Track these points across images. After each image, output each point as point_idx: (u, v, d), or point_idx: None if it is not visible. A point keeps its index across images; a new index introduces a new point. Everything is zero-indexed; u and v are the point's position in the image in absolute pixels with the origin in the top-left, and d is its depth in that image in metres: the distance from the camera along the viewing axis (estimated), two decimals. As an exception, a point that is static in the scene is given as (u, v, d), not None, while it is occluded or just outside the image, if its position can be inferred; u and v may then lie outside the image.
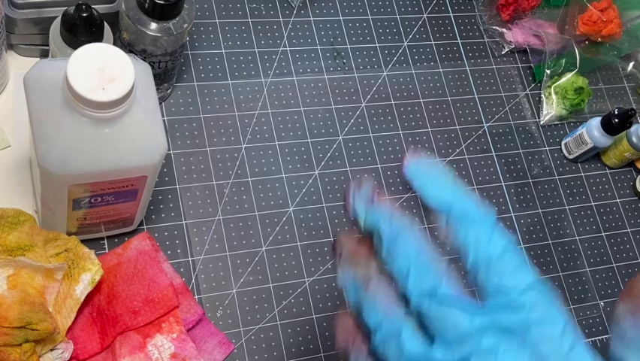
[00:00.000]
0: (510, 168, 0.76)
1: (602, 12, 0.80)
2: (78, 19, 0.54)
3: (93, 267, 0.54)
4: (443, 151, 0.74)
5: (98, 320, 0.56)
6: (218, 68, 0.70)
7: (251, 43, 0.72)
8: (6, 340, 0.49)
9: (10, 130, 0.61)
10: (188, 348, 0.57)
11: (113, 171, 0.49)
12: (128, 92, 0.44)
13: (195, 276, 0.62)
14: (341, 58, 0.74)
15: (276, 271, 0.64)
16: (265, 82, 0.71)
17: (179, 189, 0.64)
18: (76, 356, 0.54)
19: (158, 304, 0.56)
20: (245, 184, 0.66)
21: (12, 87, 0.63)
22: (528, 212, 0.75)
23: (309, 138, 0.70)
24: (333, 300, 0.65)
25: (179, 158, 0.65)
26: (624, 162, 0.80)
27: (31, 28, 0.61)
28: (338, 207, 0.68)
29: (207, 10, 0.72)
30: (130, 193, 0.53)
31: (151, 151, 0.49)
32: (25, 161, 0.60)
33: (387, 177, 0.70)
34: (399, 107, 0.74)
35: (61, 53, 0.56)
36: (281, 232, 0.65)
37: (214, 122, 0.67)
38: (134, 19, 0.56)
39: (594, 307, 0.73)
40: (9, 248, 0.53)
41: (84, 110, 0.44)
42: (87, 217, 0.55)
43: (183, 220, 0.63)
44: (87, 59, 0.44)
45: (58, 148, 0.46)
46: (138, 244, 0.59)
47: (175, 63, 0.62)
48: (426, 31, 0.78)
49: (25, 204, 0.59)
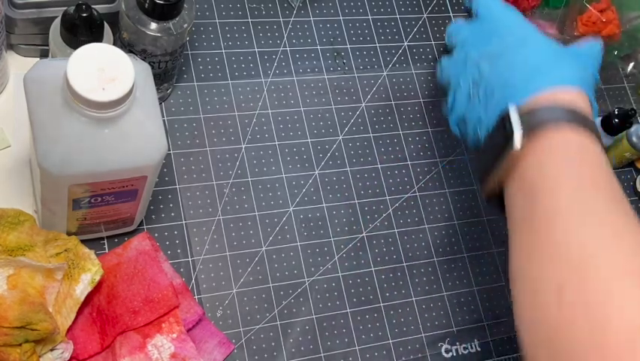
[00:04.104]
0: (510, 168, 0.76)
1: (602, 13, 0.80)
2: (78, 19, 0.54)
3: (93, 267, 0.54)
4: (443, 151, 0.74)
5: (97, 320, 0.56)
6: (218, 68, 0.70)
7: (251, 43, 0.72)
8: (6, 340, 0.49)
9: (10, 130, 0.61)
10: (188, 348, 0.57)
11: (113, 171, 0.49)
12: (128, 92, 0.44)
13: (195, 276, 0.62)
14: (341, 58, 0.74)
15: (276, 271, 0.64)
16: (265, 82, 0.71)
17: (179, 189, 0.64)
18: (76, 356, 0.54)
19: (158, 304, 0.56)
20: (245, 184, 0.66)
21: (12, 87, 0.63)
22: (528, 212, 0.75)
23: (309, 138, 0.70)
24: (333, 300, 0.65)
25: (179, 158, 0.65)
26: (624, 162, 0.80)
27: (31, 28, 0.61)
28: (338, 207, 0.68)
29: (207, 10, 0.72)
30: (130, 193, 0.53)
31: (151, 151, 0.49)
32: (25, 161, 0.60)
33: (387, 177, 0.70)
34: (399, 107, 0.74)
35: (61, 53, 0.56)
36: (281, 232, 0.65)
37: (214, 122, 0.67)
38: (134, 19, 0.56)
39: (594, 308, 0.73)
40: (9, 248, 0.53)
41: (84, 110, 0.44)
42: (87, 217, 0.55)
43: (183, 220, 0.63)
44: (87, 59, 0.44)
45: (58, 148, 0.46)
46: (138, 244, 0.59)
47: (175, 63, 0.62)
48: (426, 31, 0.78)
49: (25, 204, 0.59)
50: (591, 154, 0.47)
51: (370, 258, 0.67)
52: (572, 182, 0.45)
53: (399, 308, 0.66)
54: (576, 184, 0.45)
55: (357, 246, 0.67)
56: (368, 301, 0.66)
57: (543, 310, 0.42)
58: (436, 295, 0.68)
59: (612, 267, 0.41)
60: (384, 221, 0.69)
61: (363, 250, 0.67)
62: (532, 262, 0.44)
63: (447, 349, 0.66)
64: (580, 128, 0.47)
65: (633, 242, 0.42)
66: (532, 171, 0.46)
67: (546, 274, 0.43)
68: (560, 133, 0.47)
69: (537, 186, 0.46)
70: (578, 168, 0.46)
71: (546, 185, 0.45)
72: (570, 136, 0.47)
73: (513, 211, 0.48)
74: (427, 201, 0.71)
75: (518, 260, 0.46)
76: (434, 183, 0.72)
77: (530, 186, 0.46)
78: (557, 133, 0.46)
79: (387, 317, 0.66)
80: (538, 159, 0.47)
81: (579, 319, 0.40)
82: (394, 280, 0.67)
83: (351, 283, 0.66)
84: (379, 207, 0.69)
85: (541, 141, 0.47)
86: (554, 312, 0.41)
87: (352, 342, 0.64)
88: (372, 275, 0.67)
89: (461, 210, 0.72)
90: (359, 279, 0.66)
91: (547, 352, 0.42)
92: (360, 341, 0.64)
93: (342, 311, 0.64)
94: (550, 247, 0.44)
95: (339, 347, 0.63)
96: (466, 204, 0.72)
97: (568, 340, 0.40)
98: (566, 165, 0.46)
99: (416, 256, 0.69)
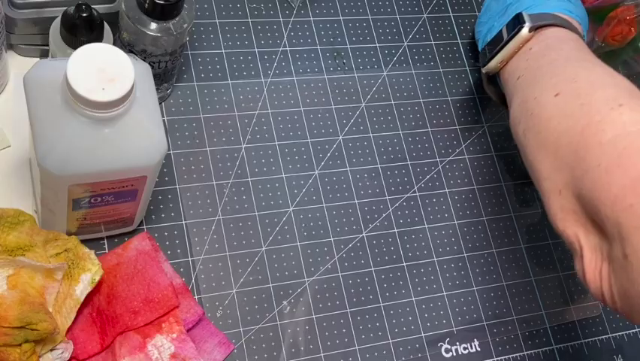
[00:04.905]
0: (510, 168, 0.76)
1: (629, 21, 0.74)
2: (78, 19, 0.54)
3: (93, 267, 0.54)
4: (443, 151, 0.74)
5: (97, 320, 0.56)
6: (218, 68, 0.70)
7: (251, 43, 0.72)
8: (6, 340, 0.49)
9: (10, 130, 0.61)
10: (188, 348, 0.57)
11: (113, 171, 0.49)
12: (127, 92, 0.44)
13: (195, 276, 0.62)
14: (341, 58, 0.74)
15: (276, 271, 0.64)
16: (265, 82, 0.71)
17: (179, 189, 0.64)
18: (76, 356, 0.54)
19: (158, 304, 0.56)
20: (245, 184, 0.66)
21: (12, 87, 0.63)
22: (528, 212, 0.75)
23: (309, 138, 0.70)
24: (333, 300, 0.65)
25: (179, 158, 0.65)
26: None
27: (31, 28, 0.61)
28: (338, 207, 0.68)
29: (207, 10, 0.72)
30: (130, 193, 0.53)
31: (151, 151, 0.49)
32: (25, 161, 0.60)
33: (387, 177, 0.70)
34: (399, 107, 0.74)
35: (61, 53, 0.56)
36: (281, 232, 0.65)
37: (214, 122, 0.67)
38: (134, 19, 0.56)
39: (594, 308, 0.73)
40: (9, 248, 0.53)
41: (84, 111, 0.44)
42: (87, 217, 0.55)
43: (183, 220, 0.63)
44: (87, 59, 0.44)
45: (58, 148, 0.46)
46: (138, 244, 0.59)
47: (175, 63, 0.62)
48: (426, 31, 0.78)
49: (25, 204, 0.59)
50: (578, 40, 0.63)
51: (370, 258, 0.67)
52: (570, 43, 0.62)
53: (399, 308, 0.66)
54: (574, 45, 0.62)
55: (357, 246, 0.67)
56: (368, 301, 0.66)
57: (540, 106, 0.57)
58: (436, 295, 0.68)
59: (606, 86, 0.54)
60: (384, 221, 0.69)
61: (363, 250, 0.67)
62: (538, 88, 0.59)
63: (447, 349, 0.66)
64: (570, 30, 0.65)
65: (622, 79, 0.55)
66: (538, 44, 0.63)
67: (548, 87, 0.57)
68: (556, 29, 0.64)
69: (541, 51, 0.62)
70: (572, 42, 0.63)
71: (550, 46, 0.62)
72: (563, 32, 0.64)
73: (516, 76, 0.64)
74: (427, 201, 0.71)
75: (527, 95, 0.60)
76: (434, 183, 0.72)
77: (535, 53, 0.63)
78: (554, 29, 0.64)
79: (387, 317, 0.66)
80: (543, 38, 0.64)
81: (574, 111, 0.53)
82: (394, 280, 0.67)
83: (351, 283, 0.66)
84: (379, 207, 0.69)
85: (542, 31, 0.64)
86: (551, 106, 0.55)
87: (352, 342, 0.64)
88: (372, 275, 0.67)
89: (461, 210, 0.72)
90: (359, 279, 0.66)
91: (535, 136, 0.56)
92: (360, 341, 0.64)
93: (342, 311, 0.64)
94: (555, 77, 0.58)
95: (339, 347, 0.63)
96: (466, 204, 0.72)
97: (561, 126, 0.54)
98: (563, 39, 0.63)
99: (416, 256, 0.69)
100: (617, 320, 0.73)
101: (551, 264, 0.73)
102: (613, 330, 0.72)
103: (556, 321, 0.71)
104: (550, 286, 0.72)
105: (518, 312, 0.70)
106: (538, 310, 0.71)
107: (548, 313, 0.71)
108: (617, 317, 0.73)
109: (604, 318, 0.73)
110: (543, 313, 0.71)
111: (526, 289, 0.71)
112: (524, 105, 0.59)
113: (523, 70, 0.63)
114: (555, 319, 0.71)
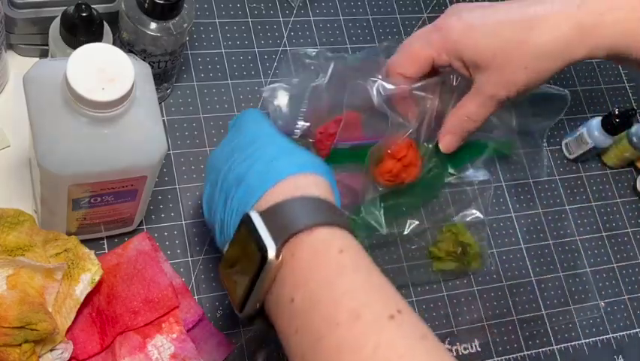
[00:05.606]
0: (510, 169, 0.76)
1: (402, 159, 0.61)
2: (78, 19, 0.54)
3: (93, 267, 0.54)
4: (443, 151, 0.73)
5: (97, 320, 0.56)
6: (218, 68, 0.70)
7: (251, 43, 0.72)
8: (5, 340, 0.49)
9: (9, 130, 0.61)
10: (188, 348, 0.57)
11: (112, 171, 0.49)
12: (127, 92, 0.44)
13: (195, 276, 0.62)
14: (341, 58, 0.74)
15: (276, 271, 0.64)
16: (265, 82, 0.70)
17: (179, 189, 0.64)
18: (76, 356, 0.54)
19: (158, 304, 0.56)
20: (245, 184, 0.66)
21: (12, 87, 0.63)
22: (528, 212, 0.75)
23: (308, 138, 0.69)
24: (333, 300, 0.64)
25: (179, 158, 0.65)
26: (624, 162, 0.79)
27: (31, 28, 0.61)
28: (338, 207, 0.68)
29: (207, 10, 0.72)
30: (130, 193, 0.53)
31: (151, 151, 0.49)
32: (25, 161, 0.60)
33: (388, 177, 0.70)
34: (399, 107, 0.74)
35: (61, 53, 0.56)
36: (281, 232, 0.65)
37: (214, 122, 0.67)
38: (134, 18, 0.56)
39: (594, 308, 0.73)
40: (8, 248, 0.53)
41: (84, 110, 0.44)
42: (87, 217, 0.55)
43: (183, 220, 0.63)
44: (87, 59, 0.44)
45: (58, 148, 0.46)
46: (138, 244, 0.59)
47: (175, 63, 0.62)
48: (426, 31, 0.78)
49: (25, 204, 0.59)
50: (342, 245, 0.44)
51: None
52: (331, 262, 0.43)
53: (399, 308, 0.66)
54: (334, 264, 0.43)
55: (357, 246, 0.67)
56: (368, 301, 0.65)
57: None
58: (436, 295, 0.68)
59: None
60: (385, 221, 0.69)
61: (363, 250, 0.67)
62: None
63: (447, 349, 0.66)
64: (327, 225, 0.44)
65: None
66: (298, 276, 0.43)
67: None
68: (312, 234, 0.43)
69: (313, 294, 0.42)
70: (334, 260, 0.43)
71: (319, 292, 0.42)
72: (320, 234, 0.43)
73: (284, 317, 0.43)
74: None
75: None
76: (434, 183, 0.72)
77: (306, 294, 0.42)
78: (309, 235, 0.43)
79: (388, 317, 0.65)
80: (300, 265, 0.43)
81: None
82: (394, 280, 0.67)
83: (351, 283, 0.66)
84: (379, 207, 0.69)
85: (297, 246, 0.43)
86: None
87: (352, 342, 0.64)
88: (372, 275, 0.66)
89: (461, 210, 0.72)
90: (359, 279, 0.66)
91: None
92: (360, 341, 0.64)
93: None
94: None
95: (339, 347, 0.63)
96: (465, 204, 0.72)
97: None
98: (327, 264, 0.43)
99: (416, 256, 0.68)
100: (617, 320, 0.73)
101: (551, 264, 0.73)
102: (613, 330, 0.72)
103: (556, 321, 0.71)
104: (550, 286, 0.72)
105: (518, 312, 0.70)
106: (539, 311, 0.71)
107: (548, 314, 0.71)
108: (618, 317, 0.73)
109: (604, 318, 0.73)
110: (543, 314, 0.71)
111: (526, 289, 0.71)
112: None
113: (293, 316, 0.43)
114: (555, 319, 0.71)
